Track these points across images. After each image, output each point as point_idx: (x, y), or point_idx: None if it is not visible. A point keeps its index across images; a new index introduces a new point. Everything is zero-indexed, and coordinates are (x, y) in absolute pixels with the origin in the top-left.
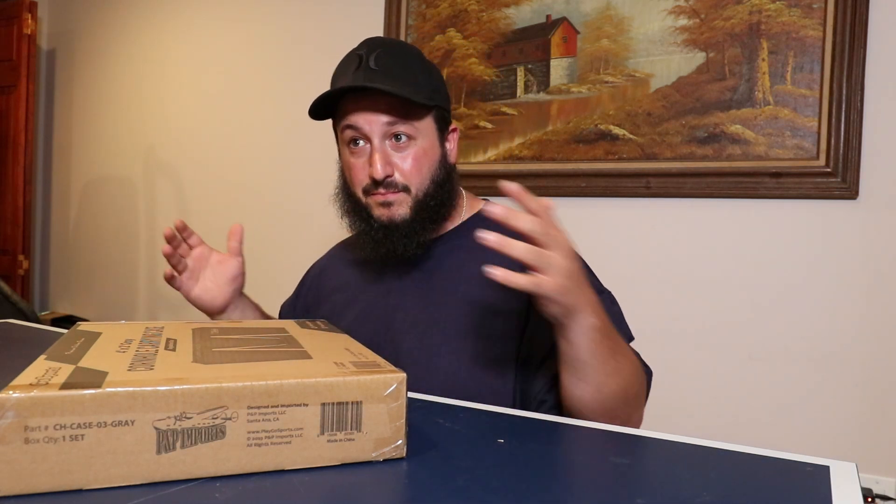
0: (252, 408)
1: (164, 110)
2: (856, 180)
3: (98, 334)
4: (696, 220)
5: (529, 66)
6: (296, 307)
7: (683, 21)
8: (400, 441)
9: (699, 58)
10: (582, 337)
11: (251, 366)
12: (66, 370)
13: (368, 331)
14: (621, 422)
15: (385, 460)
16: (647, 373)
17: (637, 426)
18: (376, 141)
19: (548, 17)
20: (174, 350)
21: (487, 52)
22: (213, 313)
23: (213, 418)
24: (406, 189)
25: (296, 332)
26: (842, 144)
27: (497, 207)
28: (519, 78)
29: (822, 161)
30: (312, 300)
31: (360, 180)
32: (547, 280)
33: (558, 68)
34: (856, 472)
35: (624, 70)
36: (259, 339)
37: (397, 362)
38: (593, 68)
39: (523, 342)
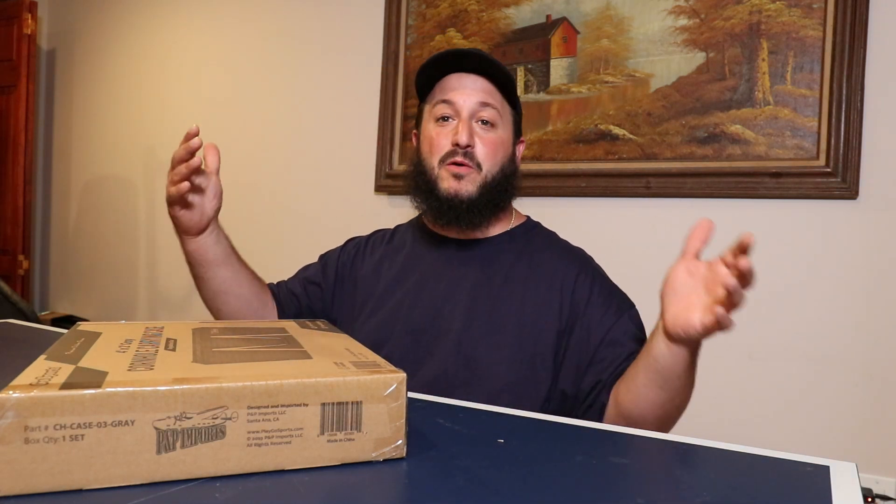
0: (252, 408)
1: (164, 110)
2: (856, 180)
3: (98, 334)
4: (696, 220)
5: (529, 66)
6: (327, 265)
7: (683, 21)
8: (400, 441)
9: (699, 58)
10: (691, 355)
11: (251, 366)
12: (66, 370)
13: (416, 315)
14: (667, 428)
15: (385, 460)
16: None
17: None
18: (465, 115)
19: (548, 17)
20: (174, 350)
21: (487, 52)
22: (197, 233)
23: (213, 418)
24: (479, 167)
25: (296, 332)
26: (842, 144)
27: (745, 262)
28: (519, 78)
29: (822, 161)
30: (346, 271)
31: (441, 147)
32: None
33: (558, 68)
34: (856, 472)
35: (624, 70)
36: (259, 339)
37: (441, 349)
38: (593, 68)
39: (566, 344)
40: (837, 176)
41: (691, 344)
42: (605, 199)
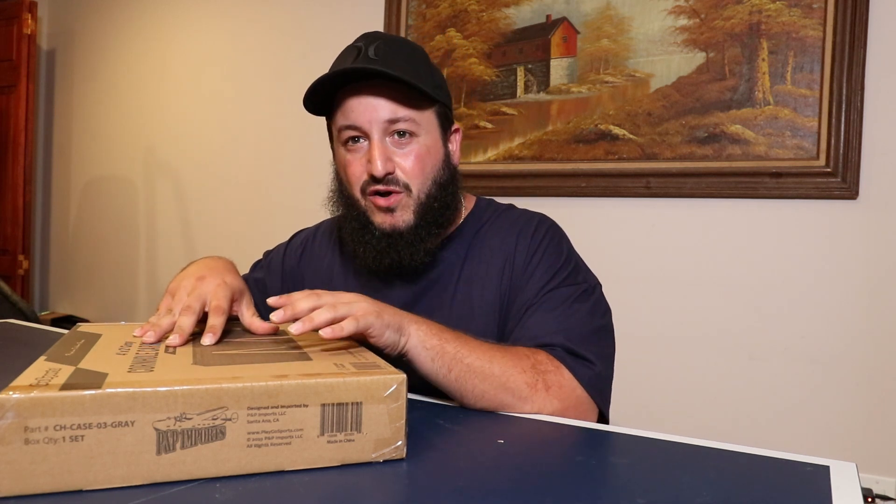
0: (252, 408)
1: (164, 110)
2: (856, 180)
3: (98, 336)
4: (696, 220)
5: (529, 66)
6: (271, 267)
7: (683, 21)
8: (400, 442)
9: (699, 58)
10: (422, 352)
11: (251, 367)
12: (66, 371)
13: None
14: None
15: (385, 461)
16: (592, 388)
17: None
18: (376, 136)
19: (548, 17)
20: (174, 352)
21: (487, 52)
22: None
23: (213, 419)
24: (407, 188)
25: None
26: (842, 144)
27: (279, 323)
28: (519, 78)
29: (822, 161)
30: (293, 273)
31: (358, 177)
32: (359, 315)
33: (558, 68)
34: (856, 472)
35: (624, 70)
36: (258, 341)
37: None
38: (593, 68)
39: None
40: (837, 176)
41: (403, 345)
42: (605, 199)
